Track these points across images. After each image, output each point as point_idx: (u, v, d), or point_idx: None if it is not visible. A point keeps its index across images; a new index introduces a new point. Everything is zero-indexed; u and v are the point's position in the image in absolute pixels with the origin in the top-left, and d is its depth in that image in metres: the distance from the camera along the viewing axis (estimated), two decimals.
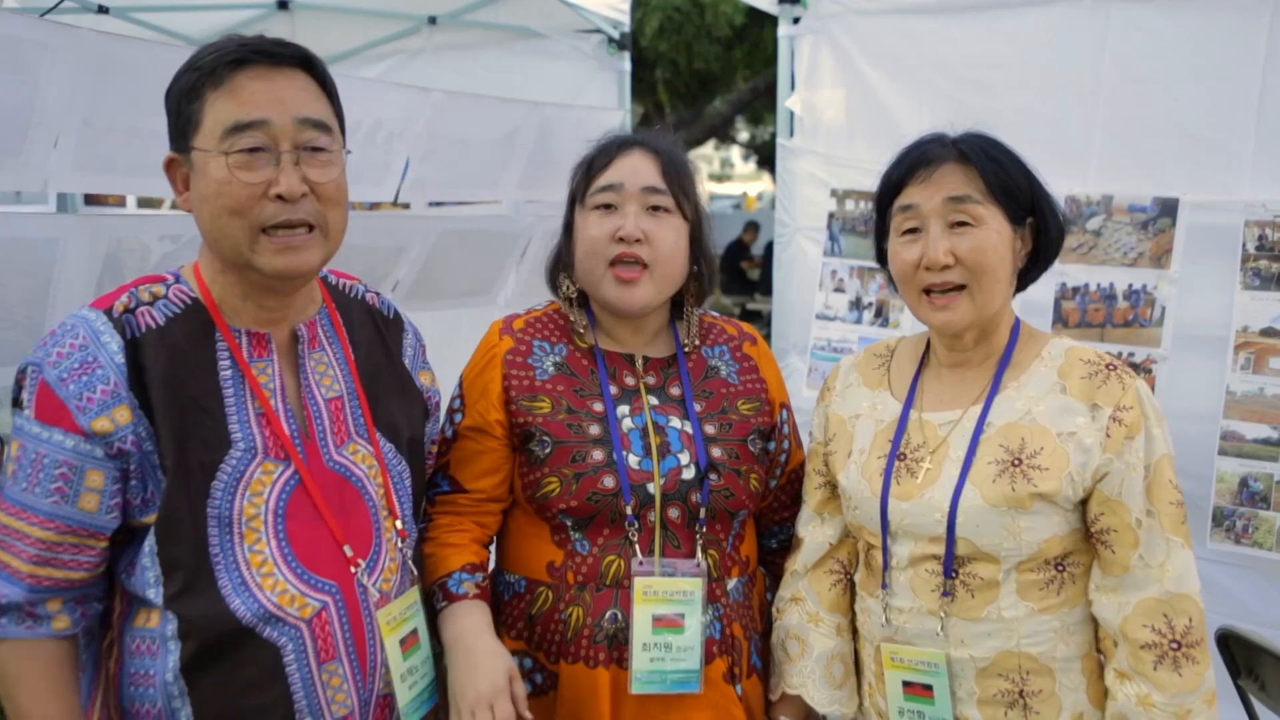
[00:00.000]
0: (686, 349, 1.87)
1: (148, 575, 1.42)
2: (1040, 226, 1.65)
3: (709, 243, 1.89)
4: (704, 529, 1.75)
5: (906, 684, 1.64)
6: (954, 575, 1.59)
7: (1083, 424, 1.57)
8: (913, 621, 1.63)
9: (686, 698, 1.70)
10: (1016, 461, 1.57)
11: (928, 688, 1.62)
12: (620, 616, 1.70)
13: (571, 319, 1.86)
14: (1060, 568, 1.59)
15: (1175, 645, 1.53)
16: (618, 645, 1.70)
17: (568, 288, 1.86)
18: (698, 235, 1.84)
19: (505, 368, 1.79)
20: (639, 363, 1.84)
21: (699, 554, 1.75)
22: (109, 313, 1.45)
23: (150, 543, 1.42)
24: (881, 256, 1.75)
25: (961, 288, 1.60)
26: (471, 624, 1.65)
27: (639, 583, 1.70)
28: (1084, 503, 1.59)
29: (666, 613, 1.70)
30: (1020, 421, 1.60)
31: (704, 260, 1.87)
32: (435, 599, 1.69)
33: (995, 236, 1.59)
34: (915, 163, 1.63)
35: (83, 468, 1.41)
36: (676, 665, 1.70)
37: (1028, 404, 1.61)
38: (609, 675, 1.70)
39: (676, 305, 1.91)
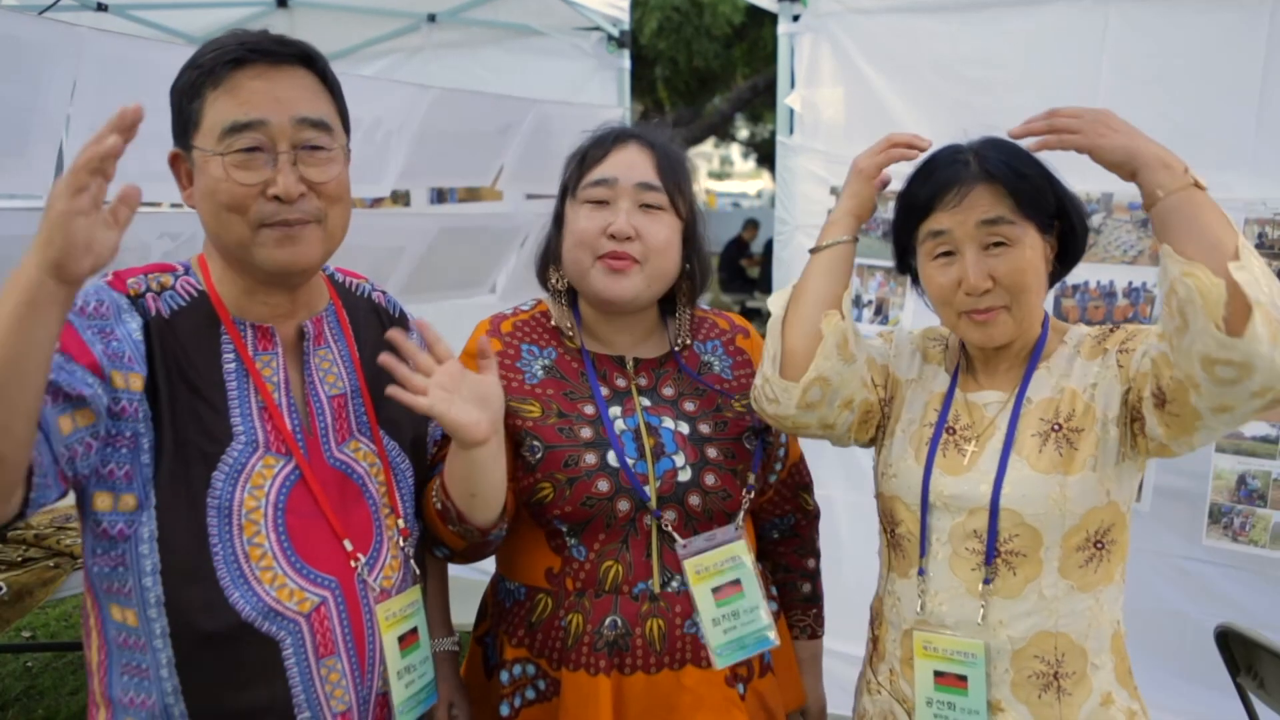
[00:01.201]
0: (678, 347, 1.86)
1: (144, 563, 1.41)
2: (1066, 226, 1.66)
3: (703, 240, 1.86)
4: (715, 523, 1.75)
5: (938, 674, 1.62)
6: (996, 555, 1.59)
7: (1097, 370, 1.61)
8: (950, 604, 1.62)
9: (685, 702, 1.69)
10: (1056, 427, 1.60)
11: (961, 678, 1.60)
12: (620, 623, 1.69)
13: (556, 321, 1.83)
14: (1100, 545, 1.60)
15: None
16: (618, 652, 1.69)
17: (557, 280, 1.84)
18: (691, 233, 1.81)
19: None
20: (629, 364, 1.82)
21: (739, 518, 1.76)
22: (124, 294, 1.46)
23: (151, 528, 1.40)
24: (903, 267, 1.75)
25: (1003, 306, 1.61)
26: None
27: (689, 564, 1.70)
28: (1129, 431, 1.59)
29: (723, 583, 1.72)
30: (1053, 396, 1.63)
31: (697, 258, 1.84)
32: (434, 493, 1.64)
33: (1030, 253, 1.60)
34: (941, 186, 1.62)
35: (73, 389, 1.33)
36: (749, 629, 1.72)
37: (1057, 380, 1.64)
38: (610, 682, 1.68)
39: (667, 303, 1.88)
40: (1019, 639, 1.59)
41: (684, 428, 1.77)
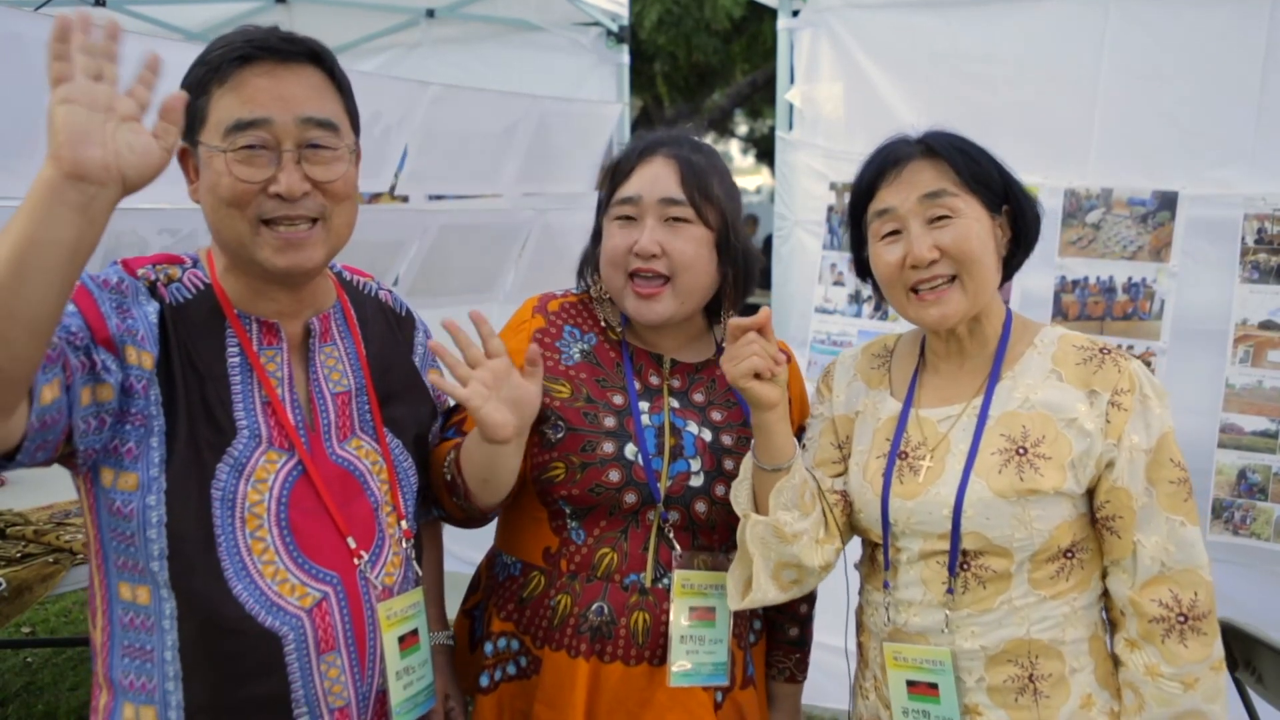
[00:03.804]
0: (715, 358, 1.85)
1: (152, 548, 1.40)
2: (1017, 211, 1.65)
3: (741, 245, 1.81)
4: (716, 533, 1.76)
5: (911, 683, 1.63)
6: (963, 569, 1.59)
7: (1082, 410, 1.57)
8: (921, 615, 1.62)
9: (659, 699, 1.70)
10: (1021, 450, 1.58)
11: (933, 686, 1.61)
12: (606, 610, 1.70)
13: (603, 315, 1.85)
14: (1070, 555, 1.59)
15: (1183, 619, 1.54)
16: (600, 639, 1.70)
17: (600, 290, 1.85)
18: (725, 241, 1.78)
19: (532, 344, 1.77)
20: (666, 365, 1.83)
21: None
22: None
23: (160, 513, 1.40)
24: (860, 267, 1.75)
25: (952, 279, 1.60)
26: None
27: (678, 575, 1.70)
28: (1090, 492, 1.60)
29: (700, 605, 1.72)
30: (1019, 410, 1.60)
31: (732, 266, 1.80)
32: (447, 468, 1.67)
33: (976, 225, 1.59)
34: (883, 165, 1.64)
35: (82, 358, 1.33)
36: (709, 658, 1.71)
37: (1025, 392, 1.61)
38: (588, 667, 1.69)
39: (715, 310, 1.87)
40: (991, 647, 1.59)
41: (706, 434, 1.77)
